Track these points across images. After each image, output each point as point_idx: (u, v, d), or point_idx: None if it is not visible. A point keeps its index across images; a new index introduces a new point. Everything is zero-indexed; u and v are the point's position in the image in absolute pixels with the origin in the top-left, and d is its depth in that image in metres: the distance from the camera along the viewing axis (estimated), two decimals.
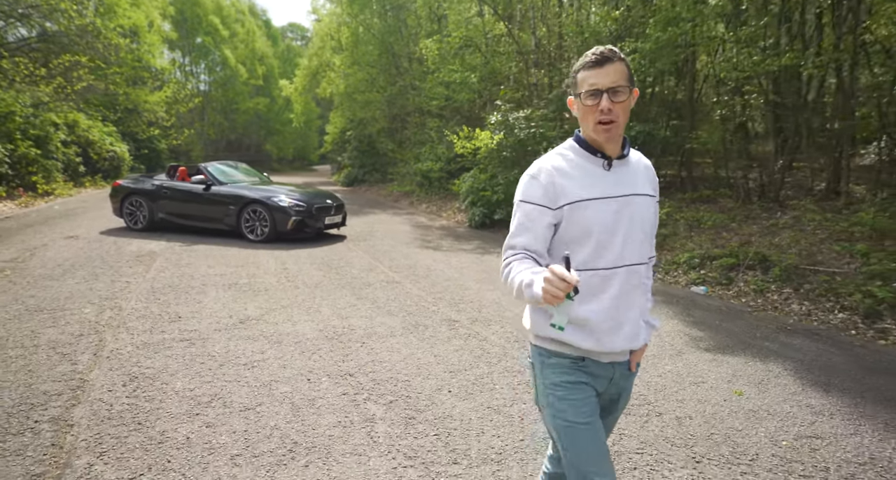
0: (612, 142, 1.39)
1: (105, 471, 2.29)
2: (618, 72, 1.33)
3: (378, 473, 2.34)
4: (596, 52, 1.36)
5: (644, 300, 1.47)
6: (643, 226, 1.43)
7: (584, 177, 1.39)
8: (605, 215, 1.37)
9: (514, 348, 3.95)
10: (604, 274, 1.38)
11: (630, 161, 1.46)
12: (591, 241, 1.37)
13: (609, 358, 1.42)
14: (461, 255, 7.69)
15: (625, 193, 1.40)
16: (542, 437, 2.63)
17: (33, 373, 3.24)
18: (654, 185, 1.51)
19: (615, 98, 1.33)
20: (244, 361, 3.55)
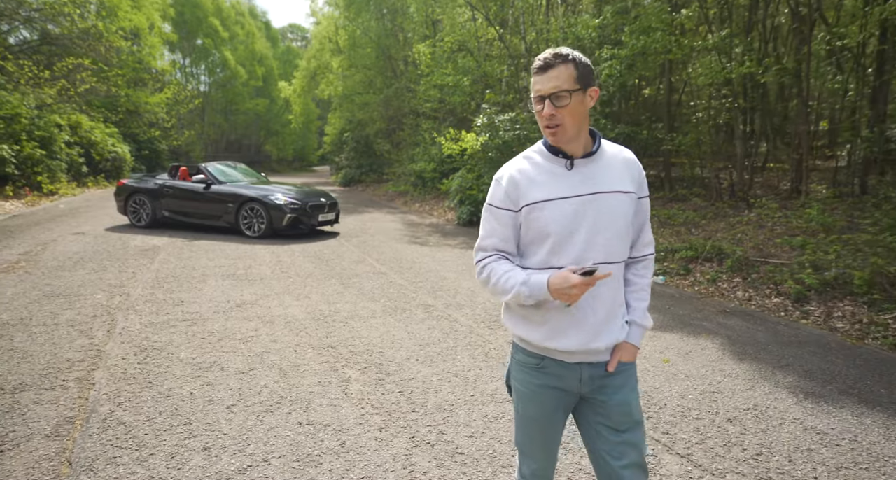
0: (565, 144, 1.38)
1: (124, 416, 2.79)
2: (560, 76, 1.32)
3: (349, 418, 2.85)
4: (541, 57, 1.36)
5: (618, 299, 1.45)
6: (614, 223, 1.38)
7: (545, 179, 1.39)
8: (560, 214, 1.36)
9: (480, 327, 4.45)
10: None
11: (602, 158, 1.43)
12: (549, 241, 1.37)
13: (573, 357, 1.41)
14: (445, 250, 8.20)
15: (588, 192, 1.37)
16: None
17: (57, 345, 3.75)
18: (637, 180, 1.46)
19: (557, 102, 1.32)
20: (239, 337, 4.06)
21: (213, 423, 2.74)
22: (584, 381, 1.43)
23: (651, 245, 1.55)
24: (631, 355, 1.46)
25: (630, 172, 1.45)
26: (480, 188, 10.04)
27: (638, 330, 1.48)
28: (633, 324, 1.48)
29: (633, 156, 1.50)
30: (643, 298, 1.52)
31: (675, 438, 2.70)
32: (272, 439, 2.61)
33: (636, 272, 1.53)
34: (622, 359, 1.44)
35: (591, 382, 1.43)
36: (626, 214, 1.41)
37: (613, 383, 1.44)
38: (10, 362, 3.41)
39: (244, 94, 40.66)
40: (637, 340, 1.48)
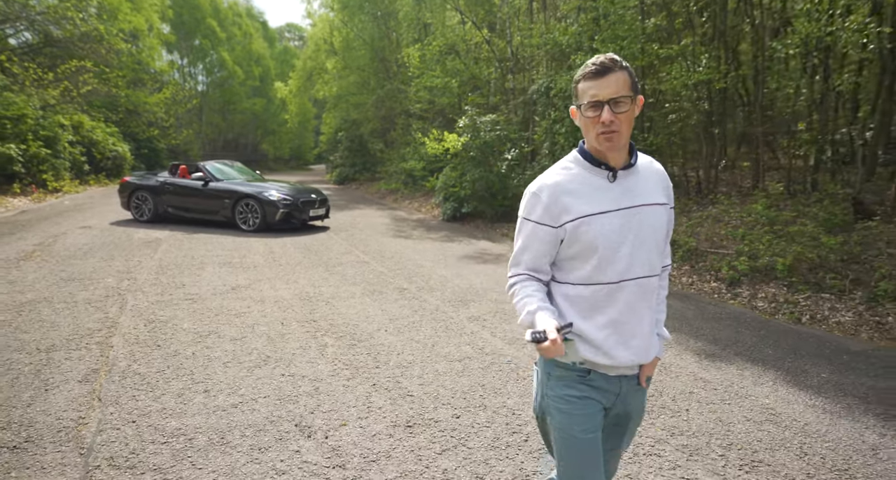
0: (615, 153, 1.35)
1: (139, 368, 3.42)
2: (619, 81, 1.29)
3: (323, 372, 3.48)
4: (596, 61, 1.32)
5: (654, 312, 1.45)
6: (654, 236, 1.38)
7: (587, 192, 1.35)
8: (609, 229, 1.33)
9: (446, 306, 5.08)
10: (609, 288, 1.35)
11: (639, 169, 1.41)
12: (596, 256, 1.33)
13: (616, 371, 1.39)
14: (427, 243, 8.83)
15: (631, 205, 1.35)
16: (548, 461, 3.76)
17: (77, 318, 4.37)
18: (668, 192, 1.46)
19: (616, 109, 1.29)
20: (234, 312, 4.68)
21: (211, 374, 3.37)
22: (622, 395, 1.42)
23: (669, 256, 1.55)
24: (654, 367, 1.47)
25: (662, 184, 1.44)
26: (463, 185, 10.66)
27: (661, 342, 1.49)
28: (659, 337, 1.48)
29: (661, 167, 1.49)
30: (663, 310, 1.52)
31: None
32: (259, 385, 3.24)
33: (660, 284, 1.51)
34: (648, 374, 1.45)
35: (626, 396, 1.43)
36: (662, 226, 1.40)
37: (640, 395, 1.47)
38: (40, 330, 4.04)
39: (241, 94, 41.18)
40: (661, 352, 1.48)
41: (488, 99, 16.25)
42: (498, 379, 3.44)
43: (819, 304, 4.87)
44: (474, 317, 4.75)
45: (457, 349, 3.97)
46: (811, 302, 4.94)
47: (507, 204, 10.62)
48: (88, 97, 19.64)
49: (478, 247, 8.48)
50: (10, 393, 3.01)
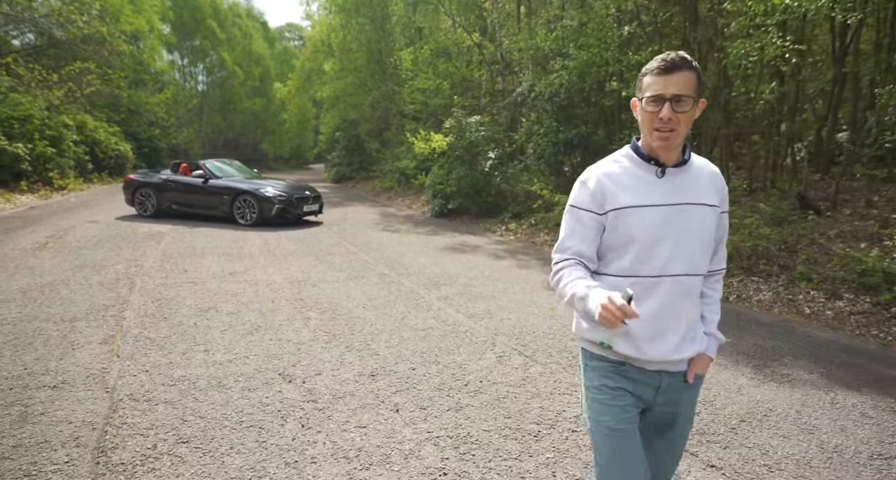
0: (667, 151, 1.36)
1: (149, 334, 4.03)
2: (685, 80, 1.29)
3: (305, 337, 4.09)
4: (667, 57, 1.31)
5: (697, 311, 1.44)
6: (699, 235, 1.37)
7: (634, 185, 1.37)
8: (649, 223, 1.34)
9: (420, 288, 5.69)
10: (647, 281, 1.36)
11: (691, 168, 1.41)
12: (634, 248, 1.35)
13: (655, 366, 1.40)
14: (412, 236, 9.45)
15: (678, 202, 1.36)
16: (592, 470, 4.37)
17: (93, 297, 4.98)
18: (721, 194, 1.45)
19: (678, 107, 1.29)
20: (231, 293, 5.30)
21: (210, 339, 3.99)
22: (661, 390, 1.42)
23: (725, 259, 1.54)
24: (706, 367, 1.46)
25: (715, 186, 1.43)
26: (449, 183, 11.27)
27: (714, 343, 1.48)
28: (709, 336, 1.48)
29: (717, 170, 1.47)
30: (717, 311, 1.51)
31: (531, 348, 3.96)
32: (251, 346, 3.86)
33: (710, 286, 1.51)
34: (699, 372, 1.44)
35: (667, 393, 1.43)
36: (710, 227, 1.40)
37: (688, 396, 1.46)
38: (62, 306, 4.66)
39: (241, 94, 41.76)
40: (713, 352, 1.47)
41: (480, 100, 16.88)
42: (453, 343, 4.06)
43: (747, 286, 5.50)
44: (443, 297, 5.37)
45: (423, 321, 4.59)
46: (741, 284, 5.56)
47: (491, 200, 11.24)
48: (91, 98, 20.26)
49: (459, 240, 9.10)
50: (45, 350, 3.63)
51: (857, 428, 2.86)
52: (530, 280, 6.26)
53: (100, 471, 2.32)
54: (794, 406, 3.11)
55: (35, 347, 3.68)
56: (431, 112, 18.15)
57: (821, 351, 4.01)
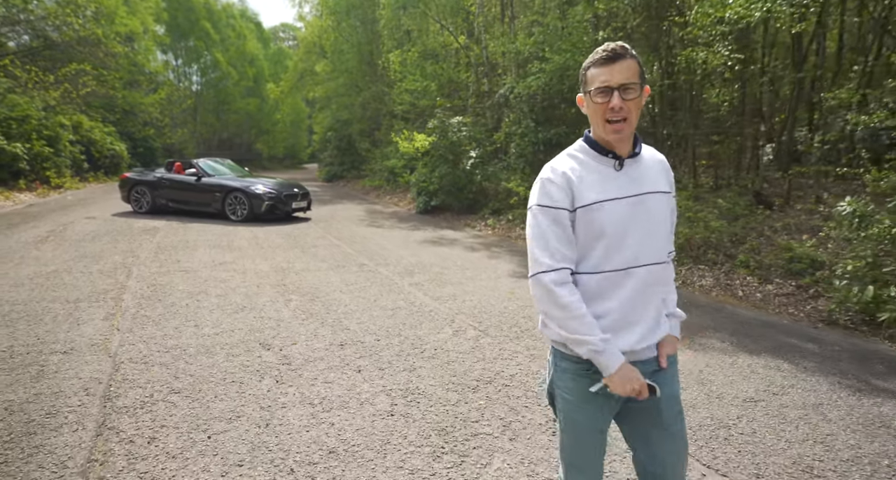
0: (622, 142, 1.37)
1: (145, 313, 4.53)
2: (629, 69, 1.30)
3: (285, 316, 4.60)
4: (607, 48, 1.32)
5: (661, 297, 1.44)
6: (660, 223, 1.40)
7: (595, 179, 1.37)
8: (616, 216, 1.34)
9: (395, 276, 6.20)
10: (615, 275, 1.36)
11: (643, 158, 1.43)
12: (603, 243, 1.34)
13: (626, 357, 1.38)
14: (395, 231, 9.96)
15: (637, 192, 1.37)
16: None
17: (94, 282, 5.47)
18: (670, 180, 1.47)
19: (626, 95, 1.30)
20: (220, 279, 5.80)
21: (200, 317, 4.49)
22: None
23: (672, 241, 1.54)
24: (674, 347, 1.47)
25: (665, 172, 1.46)
26: (432, 181, 11.79)
27: (676, 322, 1.50)
28: (671, 317, 1.49)
29: (662, 156, 1.51)
30: (672, 290, 1.52)
31: (486, 324, 4.49)
32: (236, 322, 4.36)
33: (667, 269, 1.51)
34: (669, 353, 1.45)
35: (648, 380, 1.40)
36: (667, 213, 1.43)
37: (664, 378, 1.43)
38: (66, 289, 5.15)
39: (235, 94, 42.10)
40: (677, 332, 1.49)
41: (466, 101, 17.39)
42: (417, 320, 4.58)
43: (693, 273, 6.04)
44: (415, 283, 5.88)
45: (392, 303, 5.10)
46: (688, 272, 6.10)
47: (472, 197, 11.77)
48: (87, 98, 20.64)
49: (439, 234, 9.62)
50: (54, 325, 4.13)
51: (743, 381, 3.40)
52: (498, 269, 6.78)
53: (107, 412, 2.82)
54: (699, 366, 3.64)
55: (45, 322, 4.18)
56: (419, 112, 18.65)
57: (739, 326, 4.55)
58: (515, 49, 12.45)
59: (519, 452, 2.58)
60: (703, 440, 2.72)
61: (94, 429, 2.65)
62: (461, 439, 2.69)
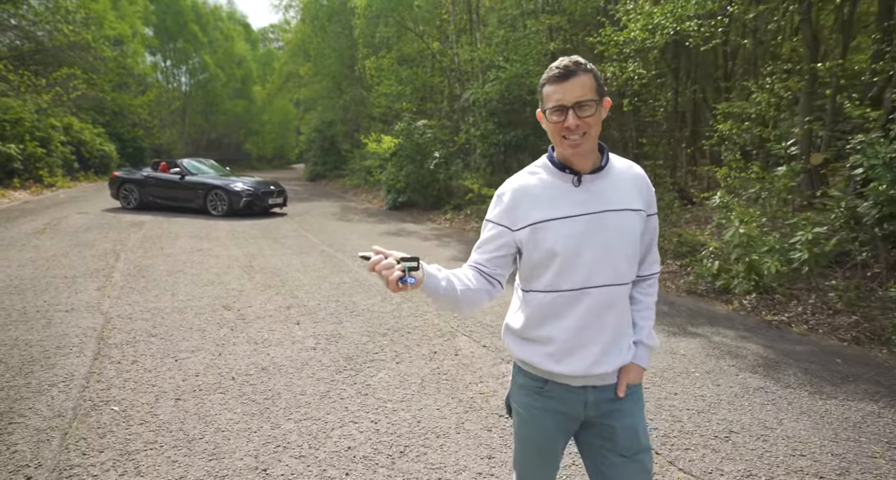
0: (581, 158, 1.31)
1: (131, 285, 5.51)
2: (583, 85, 1.25)
3: (247, 288, 5.59)
4: (560, 65, 1.27)
5: (624, 321, 1.38)
6: (622, 243, 1.31)
7: (550, 196, 1.32)
8: (568, 234, 1.29)
9: (348, 260, 7.21)
10: (569, 295, 1.31)
11: (610, 174, 1.35)
12: (556, 262, 1.30)
13: (579, 381, 1.35)
14: (362, 224, 10.97)
15: (595, 210, 1.30)
16: None
17: (88, 263, 6.43)
18: (646, 197, 1.39)
19: (581, 113, 1.25)
20: (196, 262, 6.77)
21: (176, 288, 5.47)
22: (590, 405, 1.37)
23: (657, 263, 1.49)
24: (638, 377, 1.40)
25: (639, 189, 1.38)
26: (399, 179, 12.80)
27: (645, 351, 1.42)
28: (639, 345, 1.42)
29: (642, 171, 1.42)
30: (650, 317, 1.45)
31: (412, 294, 5.50)
32: (205, 293, 5.35)
33: (642, 290, 1.46)
34: (630, 382, 1.38)
35: (598, 406, 1.37)
36: (634, 233, 1.34)
37: (623, 407, 1.38)
38: (64, 269, 6.11)
39: (223, 96, 42.82)
40: (644, 361, 1.41)
41: (440, 104, 18.41)
42: (356, 291, 5.59)
43: None
44: (365, 265, 6.89)
45: (340, 279, 6.11)
46: None
47: (436, 195, 12.79)
48: (78, 101, 21.46)
49: (400, 227, 10.64)
50: (56, 293, 5.10)
51: None
52: (443, 254, 7.80)
53: (101, 347, 3.81)
54: None
55: (49, 292, 5.15)
56: (395, 115, 19.66)
57: None
58: (479, 57, 13.49)
59: (400, 370, 3.60)
60: None
61: (92, 356, 3.64)
62: (361, 362, 3.71)
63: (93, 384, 3.22)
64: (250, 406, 3.01)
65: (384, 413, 2.99)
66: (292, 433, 2.74)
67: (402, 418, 2.93)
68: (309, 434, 2.74)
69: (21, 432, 2.65)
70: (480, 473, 2.44)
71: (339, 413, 2.96)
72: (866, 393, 3.33)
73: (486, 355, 3.90)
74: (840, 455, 2.60)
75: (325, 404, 3.07)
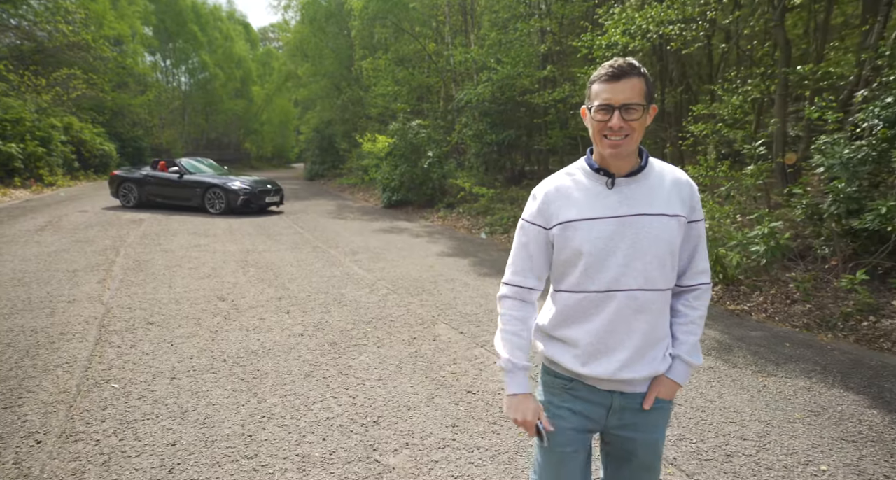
0: (618, 159, 1.30)
1: (130, 278, 5.79)
2: (634, 88, 1.25)
3: (241, 281, 5.87)
4: (614, 64, 1.26)
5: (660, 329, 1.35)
6: (656, 248, 1.29)
7: (582, 197, 1.33)
8: (597, 235, 1.29)
9: (340, 255, 7.48)
10: (596, 297, 1.31)
11: (649, 177, 1.34)
12: (583, 263, 1.30)
13: (606, 384, 1.34)
14: (356, 222, 11.25)
15: (627, 213, 1.29)
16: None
17: (89, 258, 6.71)
18: (689, 203, 1.34)
19: (627, 115, 1.25)
20: (193, 257, 7.05)
21: (174, 281, 5.75)
22: (614, 411, 1.36)
23: (706, 273, 1.41)
24: (670, 392, 1.36)
25: (680, 194, 1.34)
26: (394, 178, 13.09)
27: (682, 367, 1.37)
28: (677, 359, 1.37)
29: (685, 176, 1.38)
30: (693, 332, 1.39)
31: (398, 286, 5.78)
32: (202, 285, 5.63)
33: (686, 302, 1.41)
34: (660, 396, 1.35)
35: (622, 415, 1.36)
36: (670, 239, 1.30)
37: (647, 421, 1.36)
38: (66, 263, 6.38)
39: (223, 95, 43.06)
40: (681, 377, 1.36)
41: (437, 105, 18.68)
42: (345, 284, 5.87)
43: None
44: (355, 260, 7.18)
45: (330, 272, 6.39)
46: None
47: (430, 193, 13.07)
48: (77, 101, 21.72)
49: (393, 224, 10.92)
50: (59, 285, 5.38)
51: None
52: (431, 250, 8.09)
53: (102, 333, 4.09)
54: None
55: (52, 284, 5.43)
56: (392, 115, 19.93)
57: None
58: (471, 58, 13.77)
59: (381, 353, 3.88)
60: None
61: (94, 341, 3.92)
62: (344, 347, 3.99)
63: (95, 365, 3.50)
64: (239, 383, 3.29)
65: (362, 389, 3.27)
66: (277, 406, 3.02)
67: (379, 394, 3.22)
68: (292, 407, 3.02)
69: (30, 405, 2.93)
70: (444, 438, 2.72)
71: (321, 390, 3.24)
72: (803, 371, 3.61)
73: (461, 340, 4.18)
74: (766, 422, 2.89)
75: (309, 382, 3.35)
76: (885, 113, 5.13)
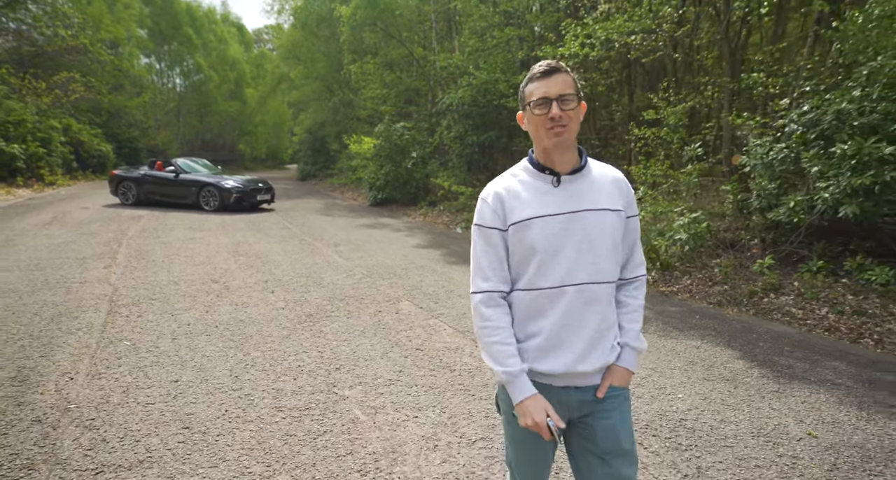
0: (562, 151, 1.36)
1: (132, 264, 6.48)
2: (565, 81, 1.33)
3: (231, 267, 6.57)
4: (543, 64, 1.36)
5: (608, 320, 1.40)
6: (600, 242, 1.35)
7: (530, 196, 1.37)
8: (548, 232, 1.33)
9: (323, 246, 8.19)
10: (549, 293, 1.35)
11: (589, 174, 1.41)
12: (536, 260, 1.34)
13: (561, 380, 1.38)
14: (342, 218, 11.96)
15: (574, 209, 1.35)
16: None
17: (94, 248, 7.39)
18: (625, 198, 1.43)
19: (564, 106, 1.32)
20: (189, 248, 7.75)
21: (172, 267, 6.45)
22: (573, 407, 1.40)
23: (643, 265, 1.51)
24: (623, 379, 1.41)
25: (619, 190, 1.42)
26: (379, 177, 13.80)
27: (631, 353, 1.44)
28: (625, 347, 1.44)
29: (620, 174, 1.47)
30: (636, 319, 1.47)
31: (373, 272, 6.51)
32: (197, 270, 6.33)
33: (628, 293, 1.49)
34: (613, 383, 1.40)
35: (580, 407, 1.40)
36: (613, 233, 1.38)
37: (604, 407, 1.40)
38: (74, 253, 7.07)
39: (217, 97, 43.62)
40: (630, 364, 1.43)
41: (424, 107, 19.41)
42: (326, 269, 6.59)
43: None
44: (337, 250, 7.89)
45: (313, 260, 7.10)
46: None
47: (413, 192, 13.79)
48: (76, 103, 22.33)
49: (377, 221, 11.64)
50: (70, 270, 6.07)
51: None
52: (408, 243, 8.81)
53: (112, 306, 4.79)
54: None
55: (64, 269, 6.12)
56: (380, 117, 20.65)
57: None
58: (454, 64, 14.52)
59: (349, 322, 4.60)
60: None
61: (106, 312, 4.62)
62: (319, 317, 4.71)
63: (108, 329, 4.20)
64: (228, 342, 4.01)
65: (329, 347, 3.99)
66: (258, 358, 3.73)
67: (343, 350, 3.93)
68: (271, 358, 3.73)
69: (60, 354, 3.63)
70: (391, 379, 3.44)
71: (295, 348, 3.96)
72: (700, 336, 4.36)
73: (420, 313, 4.91)
74: (652, 368, 3.64)
75: (286, 342, 4.06)
76: (802, 119, 5.90)
